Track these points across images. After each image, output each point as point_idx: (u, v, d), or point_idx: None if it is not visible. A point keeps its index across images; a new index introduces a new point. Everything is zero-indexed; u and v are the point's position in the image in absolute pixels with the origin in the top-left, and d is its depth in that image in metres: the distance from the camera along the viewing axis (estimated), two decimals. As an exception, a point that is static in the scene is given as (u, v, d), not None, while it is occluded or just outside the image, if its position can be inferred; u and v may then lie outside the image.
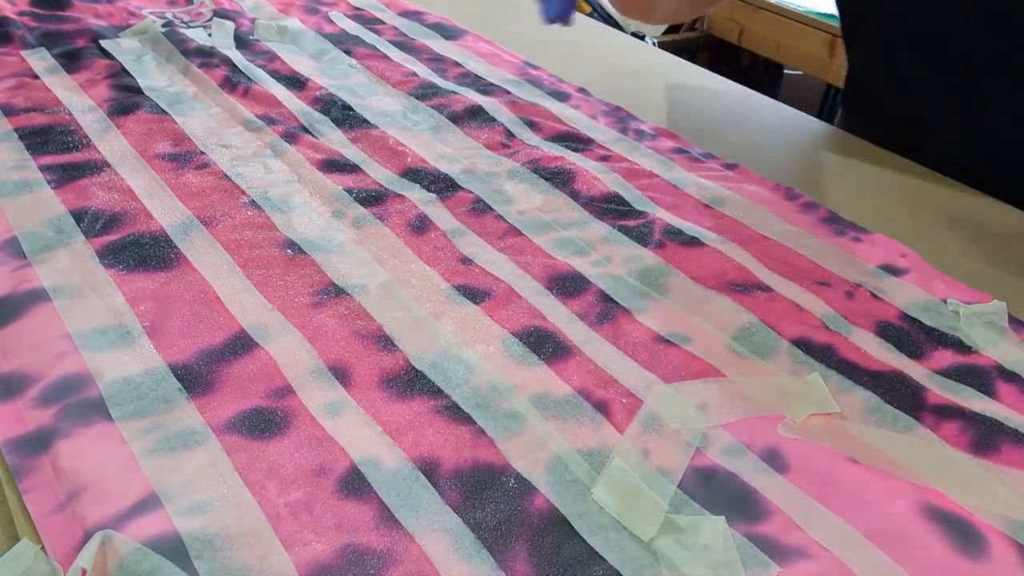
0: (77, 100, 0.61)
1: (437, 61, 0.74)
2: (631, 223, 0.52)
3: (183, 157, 0.55)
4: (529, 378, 0.39)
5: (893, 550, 0.32)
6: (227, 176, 0.53)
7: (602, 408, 0.38)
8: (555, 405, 0.38)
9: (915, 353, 0.43)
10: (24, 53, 0.67)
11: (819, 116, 0.72)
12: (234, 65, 0.68)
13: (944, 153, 0.63)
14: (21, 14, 0.74)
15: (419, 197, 0.53)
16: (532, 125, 0.63)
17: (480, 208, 0.52)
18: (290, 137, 0.59)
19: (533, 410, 0.37)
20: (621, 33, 0.91)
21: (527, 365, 0.40)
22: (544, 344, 0.41)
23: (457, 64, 0.74)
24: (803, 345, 0.43)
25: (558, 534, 0.32)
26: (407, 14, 0.85)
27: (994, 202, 0.59)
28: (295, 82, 0.67)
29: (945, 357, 0.43)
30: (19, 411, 0.35)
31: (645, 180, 0.57)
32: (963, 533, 0.33)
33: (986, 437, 0.37)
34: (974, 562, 0.32)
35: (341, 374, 0.39)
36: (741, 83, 0.78)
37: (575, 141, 0.62)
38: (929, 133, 0.64)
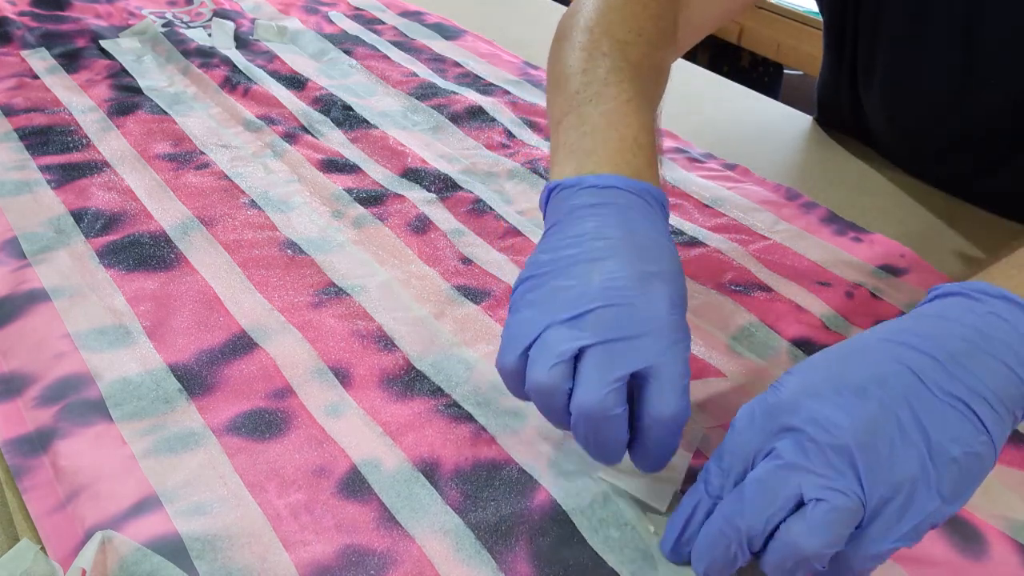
0: (77, 100, 0.61)
1: (437, 61, 0.74)
2: (631, 223, 0.52)
3: (183, 157, 0.55)
4: (529, 378, 0.39)
5: (893, 550, 0.32)
6: (227, 176, 0.53)
7: (602, 408, 0.38)
8: (555, 405, 0.38)
9: (915, 353, 0.43)
10: (24, 53, 0.67)
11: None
12: (234, 65, 0.68)
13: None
14: (21, 14, 0.74)
15: (419, 197, 0.53)
16: (532, 125, 0.63)
17: (480, 208, 0.52)
18: (290, 137, 0.59)
19: (534, 407, 0.37)
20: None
21: (527, 365, 0.40)
22: (544, 344, 0.41)
23: (457, 64, 0.74)
24: (803, 345, 0.43)
25: (559, 533, 0.32)
26: (407, 14, 0.85)
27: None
28: (295, 82, 0.67)
29: (945, 357, 0.43)
30: (19, 411, 0.35)
31: (645, 180, 0.57)
32: (963, 533, 0.33)
33: (986, 437, 0.37)
34: (974, 562, 0.32)
35: (341, 374, 0.39)
36: (741, 83, 0.78)
37: (575, 141, 0.62)
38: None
